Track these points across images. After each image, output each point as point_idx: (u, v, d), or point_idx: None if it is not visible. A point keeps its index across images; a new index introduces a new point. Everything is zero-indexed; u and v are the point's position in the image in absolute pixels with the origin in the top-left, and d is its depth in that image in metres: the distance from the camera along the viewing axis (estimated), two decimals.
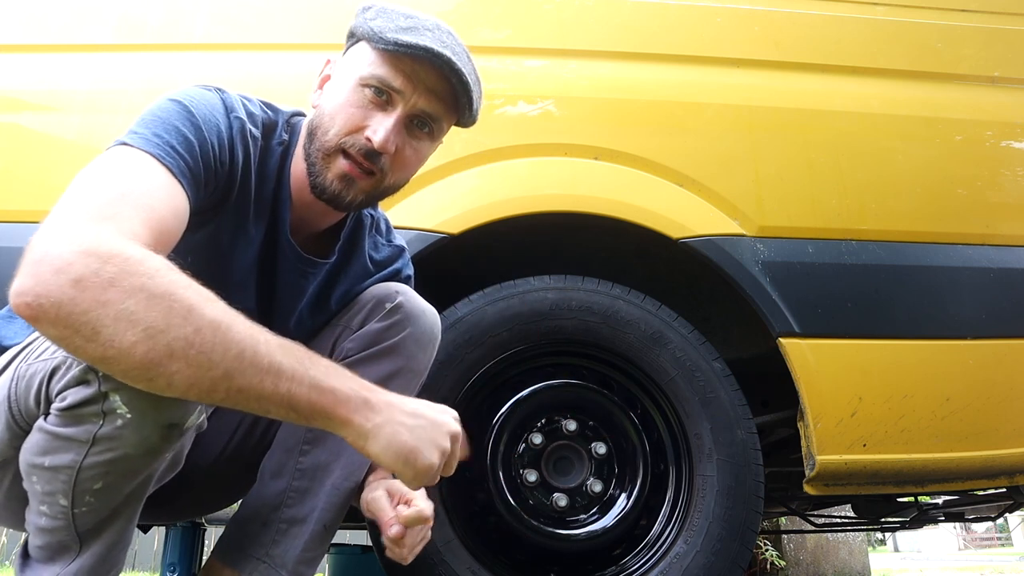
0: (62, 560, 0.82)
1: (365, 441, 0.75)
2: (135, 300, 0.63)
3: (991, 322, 1.50)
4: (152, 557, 6.94)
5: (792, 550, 3.99)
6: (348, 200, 0.95)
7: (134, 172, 0.77)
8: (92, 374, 0.73)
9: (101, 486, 0.77)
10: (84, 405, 0.73)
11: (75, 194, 0.72)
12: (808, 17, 1.71)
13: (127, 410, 0.73)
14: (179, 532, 2.20)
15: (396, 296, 1.08)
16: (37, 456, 0.77)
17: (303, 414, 0.72)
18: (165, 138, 0.82)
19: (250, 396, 0.69)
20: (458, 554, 1.31)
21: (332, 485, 1.01)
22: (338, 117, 0.93)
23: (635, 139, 1.53)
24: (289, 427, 1.04)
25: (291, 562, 0.99)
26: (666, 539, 1.39)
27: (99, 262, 0.63)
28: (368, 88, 0.93)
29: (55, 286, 0.62)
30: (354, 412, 0.74)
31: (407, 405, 0.79)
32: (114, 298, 0.62)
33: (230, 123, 0.91)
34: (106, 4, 1.61)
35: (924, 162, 1.60)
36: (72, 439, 0.75)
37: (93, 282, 0.62)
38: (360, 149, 0.92)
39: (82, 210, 0.69)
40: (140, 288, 0.63)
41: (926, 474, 1.43)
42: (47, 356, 0.76)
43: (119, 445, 0.75)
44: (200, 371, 0.65)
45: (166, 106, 0.86)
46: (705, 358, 1.43)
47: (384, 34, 0.91)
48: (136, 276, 0.64)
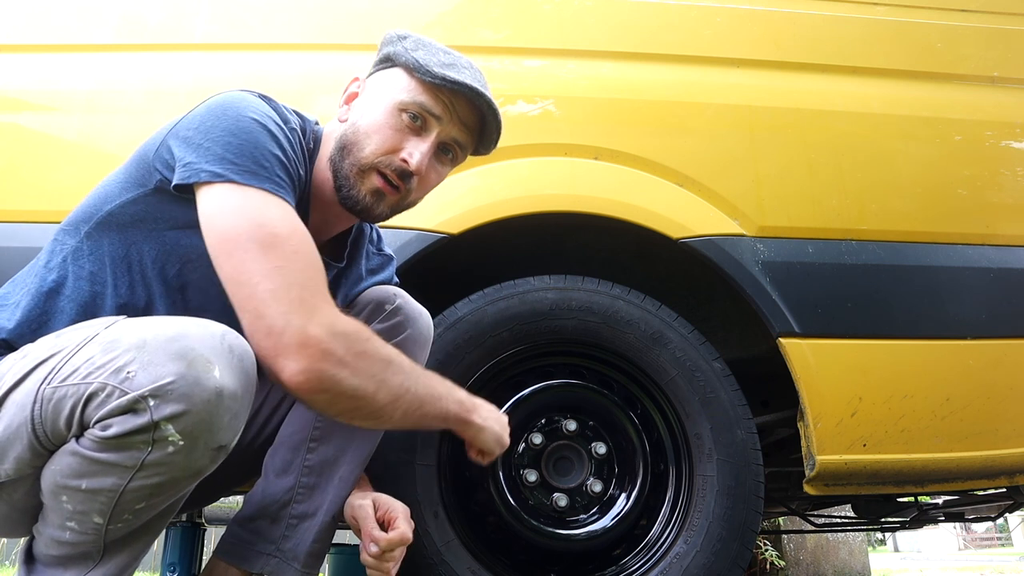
0: (77, 567, 0.81)
1: (478, 432, 1.03)
2: (371, 363, 0.85)
3: (991, 322, 1.50)
4: (152, 557, 6.93)
5: (792, 550, 3.99)
6: (377, 213, 1.02)
7: (281, 222, 0.86)
8: (143, 403, 0.72)
9: (144, 506, 0.78)
10: (133, 434, 0.73)
11: (260, 262, 0.82)
12: (808, 17, 1.71)
13: (179, 437, 0.73)
14: (179, 532, 2.20)
15: (395, 299, 1.13)
16: (71, 479, 0.75)
17: (451, 422, 1.00)
18: (269, 168, 0.88)
19: (418, 418, 0.93)
20: (458, 554, 1.31)
21: (340, 478, 1.05)
22: (375, 136, 0.98)
23: (635, 139, 1.53)
24: (292, 425, 1.06)
25: (303, 555, 1.03)
26: (666, 539, 1.39)
27: (343, 339, 0.83)
28: (406, 113, 0.99)
29: (328, 370, 0.81)
30: (474, 415, 1.02)
31: (485, 405, 1.05)
32: (361, 366, 0.84)
33: (288, 136, 0.95)
34: (106, 4, 1.61)
35: (924, 162, 1.60)
36: (116, 464, 0.74)
37: (343, 358, 0.82)
38: (395, 169, 0.98)
39: (290, 285, 0.82)
40: (367, 353, 0.86)
41: (926, 474, 1.43)
42: (78, 380, 0.74)
43: (168, 470, 0.75)
44: (405, 407, 0.89)
45: (245, 127, 0.88)
46: (705, 358, 1.43)
47: (430, 68, 0.97)
48: (363, 343, 0.86)
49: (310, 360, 0.79)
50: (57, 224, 0.97)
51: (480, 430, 1.02)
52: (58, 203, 1.24)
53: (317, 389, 0.81)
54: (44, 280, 0.92)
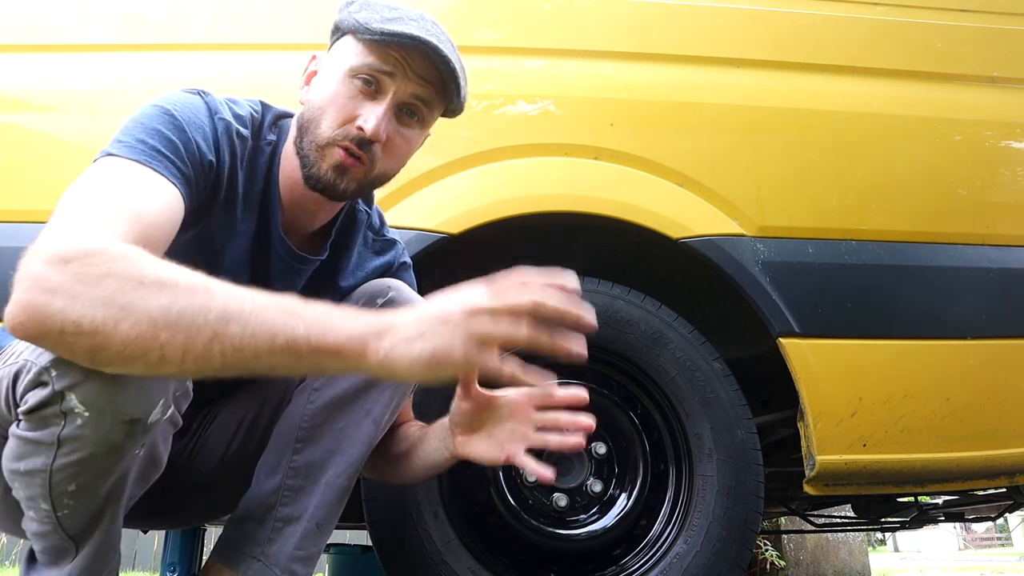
0: (63, 562, 0.82)
1: (387, 370, 0.70)
2: (105, 285, 0.65)
3: (991, 322, 1.50)
4: (152, 557, 6.95)
5: (792, 550, 3.99)
6: (342, 189, 0.96)
7: (119, 180, 0.79)
8: (47, 374, 0.72)
9: (75, 488, 0.77)
10: (44, 407, 0.73)
11: (58, 211, 0.74)
12: (808, 17, 1.71)
13: (84, 408, 0.72)
14: (179, 532, 2.20)
15: (388, 292, 1.08)
16: (13, 462, 0.77)
17: (308, 360, 0.68)
18: (150, 143, 0.84)
19: (247, 355, 0.67)
20: (458, 554, 1.31)
21: (326, 483, 1.01)
22: (329, 109, 0.94)
23: (635, 139, 1.53)
24: (283, 426, 1.04)
25: (284, 560, 0.98)
26: (666, 539, 1.39)
27: (62, 264, 0.65)
28: (357, 78, 0.94)
29: (36, 300, 0.64)
30: (364, 344, 0.69)
31: (408, 316, 0.72)
32: (83, 291, 0.64)
33: (214, 124, 0.92)
34: (106, 4, 1.61)
35: (924, 162, 1.60)
36: (40, 442, 0.74)
37: (61, 282, 0.64)
38: (353, 138, 0.93)
39: (61, 225, 0.72)
40: (106, 274, 0.65)
41: (926, 474, 1.43)
42: (12, 360, 0.76)
43: (83, 445, 0.74)
44: (188, 338, 0.65)
45: (148, 112, 0.88)
46: (705, 358, 1.43)
47: (370, 25, 0.92)
48: (100, 265, 0.65)
49: (19, 294, 0.65)
50: None
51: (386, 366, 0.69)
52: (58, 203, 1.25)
53: (33, 331, 0.65)
54: None
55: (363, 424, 1.02)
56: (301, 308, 0.69)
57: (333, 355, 0.69)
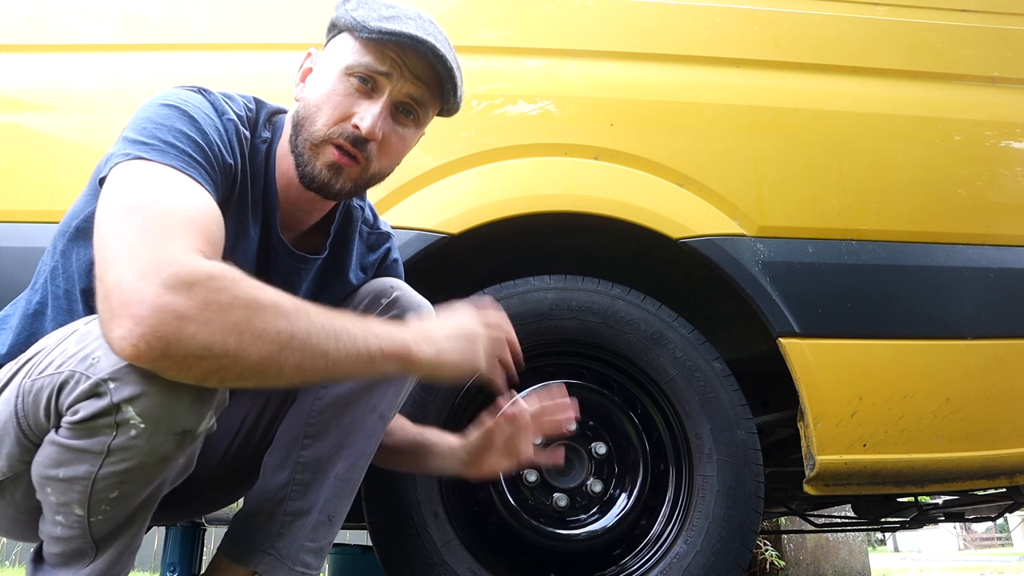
0: (76, 565, 0.82)
1: (433, 367, 0.86)
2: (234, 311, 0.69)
3: (991, 322, 1.50)
4: (152, 557, 6.94)
5: (792, 550, 3.99)
6: (337, 188, 0.96)
7: (170, 188, 0.79)
8: (104, 386, 0.72)
9: (117, 495, 0.77)
10: (97, 417, 0.73)
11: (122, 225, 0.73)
12: (808, 17, 1.71)
13: (140, 420, 0.73)
14: (179, 532, 2.20)
15: (392, 291, 1.09)
16: (50, 468, 0.76)
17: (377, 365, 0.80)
18: (179, 147, 0.83)
19: (341, 367, 0.77)
20: (458, 554, 1.31)
21: (335, 476, 1.02)
22: (325, 107, 0.94)
23: (635, 139, 1.53)
24: (290, 423, 1.05)
25: (296, 553, 1.00)
26: (666, 539, 1.39)
27: (187, 289, 0.67)
28: (354, 77, 0.94)
29: (164, 327, 0.66)
30: (418, 345, 0.84)
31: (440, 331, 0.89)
32: (214, 317, 0.68)
33: (224, 125, 0.92)
34: (106, 4, 1.61)
35: (924, 162, 1.60)
36: (86, 451, 0.74)
37: (189, 307, 0.67)
38: (348, 136, 0.93)
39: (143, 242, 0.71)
40: (232, 300, 0.69)
41: (926, 474, 1.43)
42: (52, 371, 0.76)
43: (134, 455, 0.75)
44: (304, 357, 0.73)
45: (164, 112, 0.86)
46: (705, 358, 1.43)
47: (367, 23, 0.92)
48: (225, 291, 0.69)
49: (137, 321, 0.65)
50: (57, 224, 0.97)
51: (434, 365, 0.86)
52: (58, 203, 1.24)
53: (157, 355, 0.67)
54: (30, 302, 0.93)
55: (369, 419, 1.03)
56: (368, 321, 0.82)
57: (398, 359, 0.82)
